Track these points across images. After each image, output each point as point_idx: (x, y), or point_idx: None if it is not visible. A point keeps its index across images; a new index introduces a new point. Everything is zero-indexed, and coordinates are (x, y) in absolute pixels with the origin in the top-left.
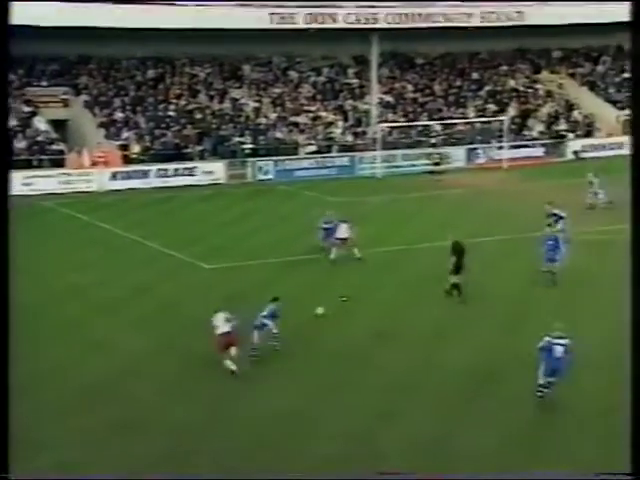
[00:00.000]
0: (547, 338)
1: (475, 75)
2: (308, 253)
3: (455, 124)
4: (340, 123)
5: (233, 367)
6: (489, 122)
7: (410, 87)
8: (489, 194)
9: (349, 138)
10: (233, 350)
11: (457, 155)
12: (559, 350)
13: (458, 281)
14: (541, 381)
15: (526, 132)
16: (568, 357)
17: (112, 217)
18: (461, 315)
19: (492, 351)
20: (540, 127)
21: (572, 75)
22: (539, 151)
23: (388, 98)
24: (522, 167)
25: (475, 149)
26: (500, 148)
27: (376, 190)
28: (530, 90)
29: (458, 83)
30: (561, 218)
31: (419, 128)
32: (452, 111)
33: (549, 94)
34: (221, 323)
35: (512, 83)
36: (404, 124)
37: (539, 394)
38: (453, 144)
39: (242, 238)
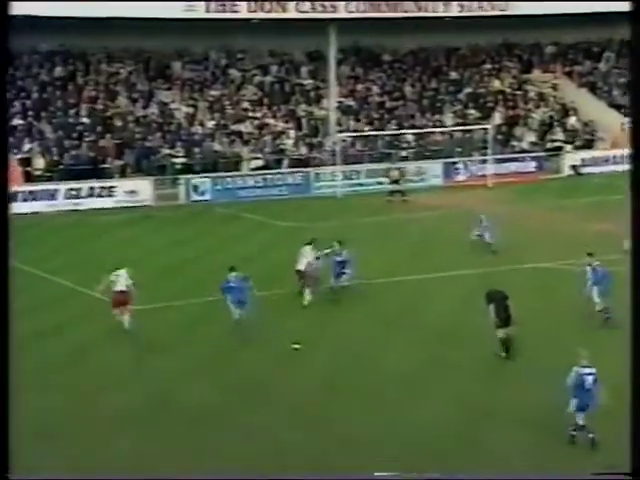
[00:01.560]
0: (576, 369)
1: (454, 74)
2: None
3: (430, 133)
4: (292, 132)
5: (126, 324)
6: (470, 131)
7: (376, 89)
8: (470, 217)
9: (303, 150)
10: (127, 309)
11: (432, 170)
12: (589, 381)
13: (505, 335)
14: (580, 421)
15: (515, 143)
16: (597, 387)
17: (11, 247)
18: (437, 360)
19: (470, 408)
20: (531, 137)
21: (569, 74)
22: (530, 165)
23: (349, 102)
24: (510, 185)
25: (454, 163)
26: (484, 162)
27: (335, 213)
28: (519, 92)
29: (433, 84)
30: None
31: (387, 138)
32: (426, 118)
33: (541, 97)
34: (122, 280)
35: (497, 84)
36: (369, 133)
37: (572, 433)
38: (427, 157)
39: (171, 272)
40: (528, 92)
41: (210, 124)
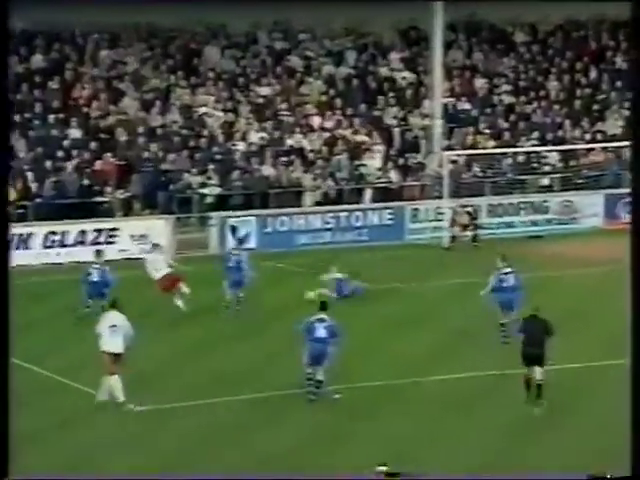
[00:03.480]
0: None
1: (621, 61)
2: (298, 386)
3: (587, 151)
4: (378, 149)
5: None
6: None
7: (504, 85)
8: None
9: (393, 176)
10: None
11: (589, 206)
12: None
13: (535, 376)
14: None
15: None
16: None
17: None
18: None
19: None
20: None
21: None
22: None
23: (463, 105)
24: None
25: (622, 196)
26: None
27: (441, 269)
28: None
29: (592, 76)
30: None
31: (519, 158)
32: (581, 127)
33: None
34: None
35: None
36: (492, 151)
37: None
38: (582, 187)
39: (193, 358)
40: None
41: (256, 138)
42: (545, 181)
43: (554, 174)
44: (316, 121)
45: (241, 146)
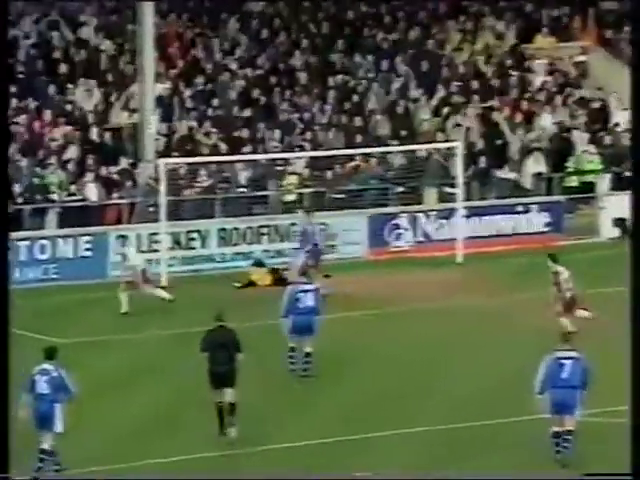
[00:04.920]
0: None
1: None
2: None
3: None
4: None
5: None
6: (419, 154)
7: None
8: (428, 322)
9: (90, 191)
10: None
11: (348, 232)
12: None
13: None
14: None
15: (505, 175)
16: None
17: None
18: None
19: None
20: (539, 164)
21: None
22: (538, 220)
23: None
24: (500, 257)
25: (391, 217)
26: (446, 216)
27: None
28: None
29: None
30: None
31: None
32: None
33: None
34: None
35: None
36: (222, 159)
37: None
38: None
39: None
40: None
41: None
42: (290, 197)
43: (303, 188)
44: None
45: None
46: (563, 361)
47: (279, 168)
